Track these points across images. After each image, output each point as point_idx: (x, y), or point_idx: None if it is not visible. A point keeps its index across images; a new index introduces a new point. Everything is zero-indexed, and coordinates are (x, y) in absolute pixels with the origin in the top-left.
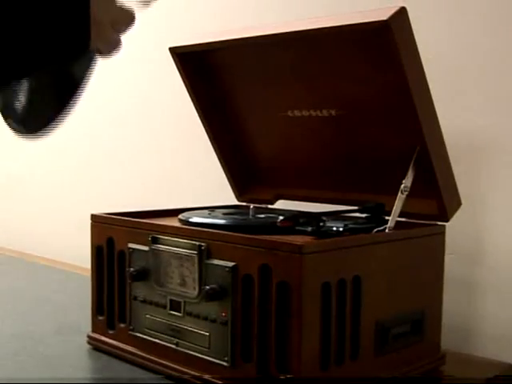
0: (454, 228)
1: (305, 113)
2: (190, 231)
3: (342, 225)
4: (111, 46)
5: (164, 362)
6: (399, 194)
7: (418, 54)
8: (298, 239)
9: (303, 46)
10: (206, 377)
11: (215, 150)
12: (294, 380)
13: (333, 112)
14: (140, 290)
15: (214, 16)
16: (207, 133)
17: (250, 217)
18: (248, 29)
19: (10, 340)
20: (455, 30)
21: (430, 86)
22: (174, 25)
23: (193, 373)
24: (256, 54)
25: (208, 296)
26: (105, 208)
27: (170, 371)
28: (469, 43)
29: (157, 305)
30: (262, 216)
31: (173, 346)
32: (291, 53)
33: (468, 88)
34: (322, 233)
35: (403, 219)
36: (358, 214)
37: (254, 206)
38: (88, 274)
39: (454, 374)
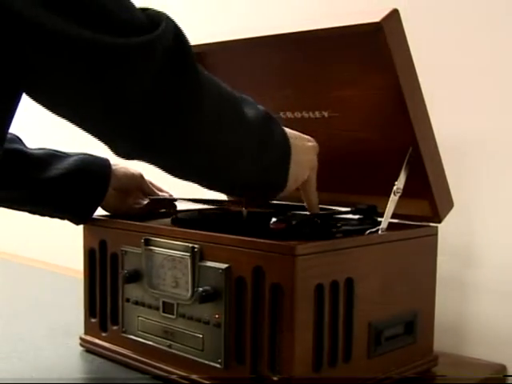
0: (447, 229)
1: (297, 114)
2: (183, 233)
3: (335, 226)
4: None
5: (157, 365)
6: (392, 195)
7: (411, 55)
8: (290, 241)
9: (295, 47)
10: (200, 379)
11: None
12: (287, 382)
13: (325, 114)
14: (133, 292)
15: (206, 18)
16: None
17: (243, 219)
18: (239, 31)
19: (0, 342)
20: (446, 32)
21: (422, 88)
22: None
23: (186, 375)
24: (247, 56)
25: (201, 298)
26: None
27: (163, 373)
28: (461, 46)
29: (150, 307)
30: (255, 218)
31: (166, 349)
32: (283, 55)
33: (460, 90)
34: (315, 234)
35: (396, 220)
36: (350, 216)
37: (246, 208)
38: (80, 276)
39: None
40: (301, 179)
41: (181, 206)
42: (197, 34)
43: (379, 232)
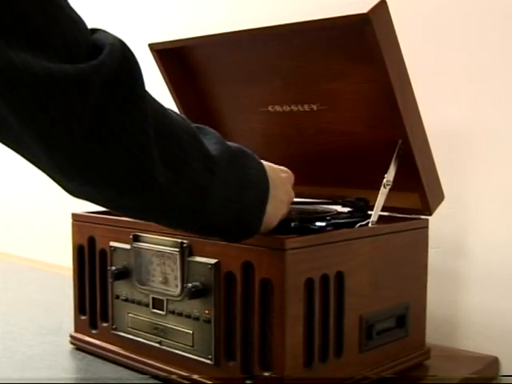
0: (437, 221)
1: (286, 108)
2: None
3: (325, 220)
4: None
5: (147, 361)
6: (382, 188)
7: (399, 47)
8: (279, 235)
9: (283, 40)
10: (190, 375)
11: None
12: (277, 377)
13: (314, 107)
14: (122, 288)
15: (194, 12)
16: None
17: None
18: (227, 25)
19: None
20: (436, 23)
21: (412, 80)
22: (154, 21)
23: (177, 371)
24: (235, 50)
25: (190, 294)
26: (86, 206)
27: (154, 370)
28: (450, 38)
29: (139, 303)
30: None
31: (156, 345)
32: (271, 48)
33: (450, 82)
34: (305, 228)
35: (386, 213)
36: (340, 209)
37: None
38: (70, 273)
39: (438, 368)
40: (279, 215)
41: None
42: (184, 28)
43: (369, 225)
